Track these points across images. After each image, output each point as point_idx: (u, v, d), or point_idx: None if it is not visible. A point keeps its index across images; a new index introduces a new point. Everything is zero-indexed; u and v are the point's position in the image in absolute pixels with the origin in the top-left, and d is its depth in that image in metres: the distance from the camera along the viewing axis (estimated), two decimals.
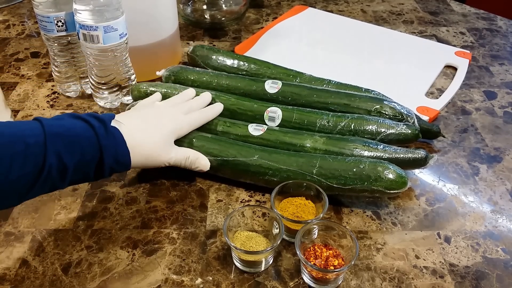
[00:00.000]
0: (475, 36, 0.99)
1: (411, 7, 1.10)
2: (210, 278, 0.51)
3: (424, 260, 0.53)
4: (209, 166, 0.59)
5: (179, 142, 0.61)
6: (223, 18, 0.98)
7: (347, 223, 0.58)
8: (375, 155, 0.59)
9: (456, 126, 0.74)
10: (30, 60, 0.88)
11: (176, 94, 0.70)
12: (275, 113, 0.65)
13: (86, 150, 0.49)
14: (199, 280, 0.50)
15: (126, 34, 0.69)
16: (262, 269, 0.52)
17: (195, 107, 0.64)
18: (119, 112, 0.74)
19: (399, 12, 1.08)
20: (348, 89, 0.71)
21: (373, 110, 0.66)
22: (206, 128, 0.64)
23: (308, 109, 0.67)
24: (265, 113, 0.66)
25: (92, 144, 0.50)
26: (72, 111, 0.75)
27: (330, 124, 0.64)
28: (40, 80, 0.82)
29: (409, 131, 0.63)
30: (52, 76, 0.78)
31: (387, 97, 0.70)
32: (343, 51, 0.90)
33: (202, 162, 0.59)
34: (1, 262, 0.52)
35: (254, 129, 0.63)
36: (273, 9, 1.08)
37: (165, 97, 0.70)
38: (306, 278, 0.50)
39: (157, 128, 0.58)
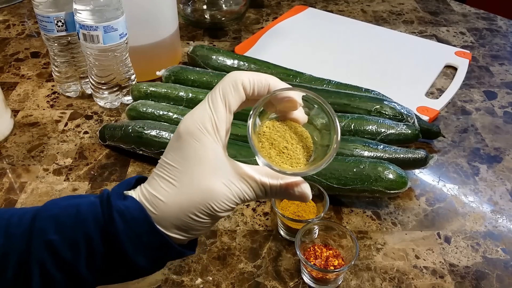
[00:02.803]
0: (475, 36, 0.99)
1: (411, 7, 1.10)
2: (210, 278, 0.51)
3: (424, 260, 0.53)
4: (310, 195, 0.37)
5: None
6: (223, 18, 0.98)
7: (347, 223, 0.57)
8: (375, 155, 0.59)
9: (456, 126, 0.74)
10: (30, 60, 0.88)
11: (176, 94, 0.69)
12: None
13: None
14: (199, 280, 0.50)
15: (126, 34, 0.69)
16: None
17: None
18: (119, 112, 0.74)
19: (399, 12, 1.08)
20: (348, 89, 0.71)
21: (373, 110, 0.66)
22: None
23: None
24: None
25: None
26: (72, 111, 0.75)
27: None
28: (40, 80, 0.82)
29: (409, 131, 0.63)
30: (52, 76, 0.78)
31: (387, 97, 0.70)
32: (343, 51, 0.90)
33: (304, 189, 0.36)
34: None
35: None
36: (273, 9, 1.08)
37: (164, 97, 0.70)
38: (306, 278, 0.50)
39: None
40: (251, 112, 0.34)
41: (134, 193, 0.34)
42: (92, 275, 0.34)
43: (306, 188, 0.36)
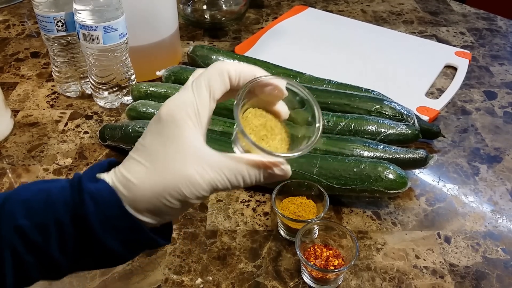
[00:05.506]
0: (475, 36, 0.99)
1: (411, 7, 1.10)
2: (210, 278, 0.51)
3: (424, 260, 0.53)
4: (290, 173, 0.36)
5: None
6: (223, 18, 0.98)
7: (347, 223, 0.57)
8: (375, 155, 0.59)
9: (456, 126, 0.74)
10: (30, 60, 0.88)
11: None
12: None
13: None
14: (199, 280, 0.50)
15: (126, 34, 0.69)
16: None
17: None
18: (119, 112, 0.74)
19: (399, 12, 1.08)
20: (348, 89, 0.71)
21: (373, 110, 0.66)
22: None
23: None
24: None
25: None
26: (72, 111, 0.75)
27: (330, 124, 0.64)
28: (40, 80, 0.82)
29: (409, 131, 0.63)
30: (52, 76, 0.78)
31: (387, 97, 0.70)
32: (343, 51, 0.90)
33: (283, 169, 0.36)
34: None
35: None
36: (273, 9, 1.08)
37: (165, 97, 0.70)
38: (306, 278, 0.50)
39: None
40: (237, 94, 0.34)
41: (107, 176, 0.34)
42: (66, 259, 0.34)
43: (287, 168, 0.36)
